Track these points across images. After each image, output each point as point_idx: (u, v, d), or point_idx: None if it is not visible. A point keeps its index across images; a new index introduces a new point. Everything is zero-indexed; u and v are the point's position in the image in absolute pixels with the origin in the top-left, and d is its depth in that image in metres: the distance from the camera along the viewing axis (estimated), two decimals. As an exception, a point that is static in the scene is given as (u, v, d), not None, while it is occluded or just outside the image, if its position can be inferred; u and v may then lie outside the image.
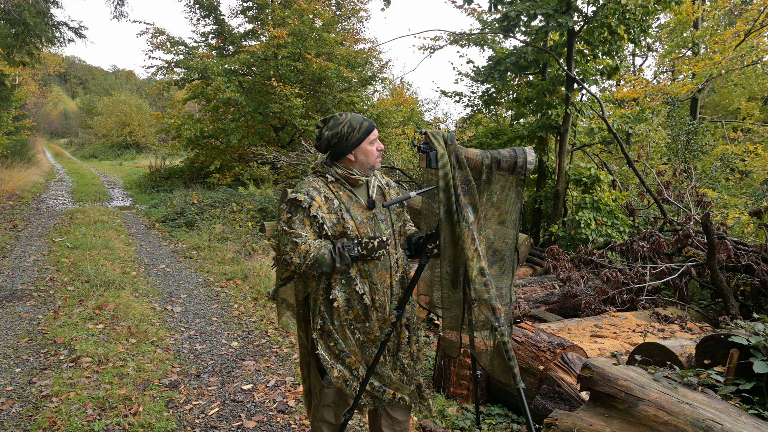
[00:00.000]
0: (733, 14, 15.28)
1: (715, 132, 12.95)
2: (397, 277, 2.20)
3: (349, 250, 1.98)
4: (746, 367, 2.34)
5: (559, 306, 4.87)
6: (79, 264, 6.31)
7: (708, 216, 4.39)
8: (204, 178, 13.87)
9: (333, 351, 2.13)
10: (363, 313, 2.12)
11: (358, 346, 2.17)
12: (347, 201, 2.11)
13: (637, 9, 6.16)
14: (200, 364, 3.88)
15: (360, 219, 2.10)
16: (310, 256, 1.97)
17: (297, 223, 2.02)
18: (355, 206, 2.12)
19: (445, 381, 3.36)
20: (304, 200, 2.02)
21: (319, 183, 2.11)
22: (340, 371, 2.13)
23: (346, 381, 2.14)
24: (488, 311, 2.01)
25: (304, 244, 1.98)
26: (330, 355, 2.13)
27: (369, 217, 2.13)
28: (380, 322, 2.16)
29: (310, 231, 2.03)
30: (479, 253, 2.04)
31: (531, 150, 2.10)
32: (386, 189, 2.27)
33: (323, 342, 2.12)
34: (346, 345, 2.13)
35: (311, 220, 2.03)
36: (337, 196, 2.09)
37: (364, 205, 2.14)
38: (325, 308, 2.11)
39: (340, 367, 2.13)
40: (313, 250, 1.98)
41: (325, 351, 2.12)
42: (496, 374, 2.13)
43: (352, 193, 2.14)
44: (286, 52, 11.83)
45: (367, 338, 2.17)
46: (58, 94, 47.37)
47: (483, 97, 8.99)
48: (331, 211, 2.06)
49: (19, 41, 9.80)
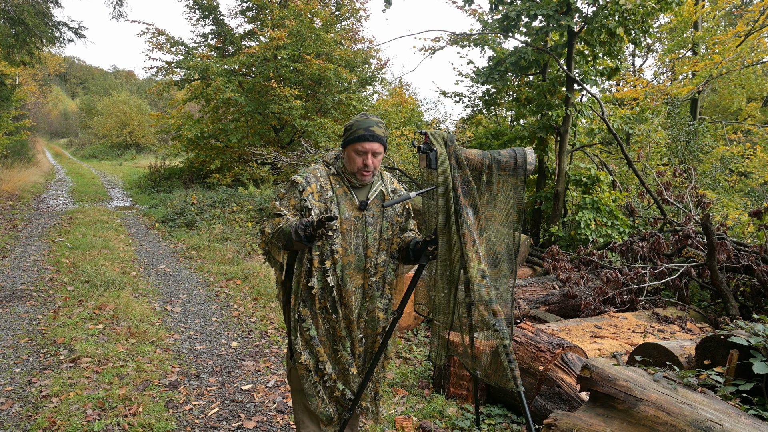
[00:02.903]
0: (733, 15, 15.28)
1: (715, 133, 12.95)
2: (372, 281, 2.20)
3: (304, 227, 1.98)
4: (746, 368, 2.34)
5: (559, 306, 4.87)
6: (79, 264, 6.31)
7: (708, 217, 4.39)
8: (204, 179, 13.88)
9: (305, 336, 2.17)
10: (331, 305, 2.15)
11: (327, 339, 2.21)
12: (341, 196, 2.15)
13: (637, 10, 6.16)
14: (200, 364, 3.88)
15: (347, 215, 2.13)
16: (278, 227, 2.04)
17: (284, 200, 2.13)
18: (347, 203, 2.15)
19: (445, 381, 3.36)
20: (301, 183, 2.12)
21: (321, 171, 2.17)
22: (305, 360, 2.17)
23: (309, 371, 2.19)
24: (489, 313, 2.01)
25: (279, 217, 2.08)
26: (302, 339, 2.18)
27: (357, 217, 2.16)
28: (346, 321, 2.18)
29: (291, 210, 2.11)
30: (479, 255, 2.04)
31: (531, 150, 2.10)
32: (390, 196, 2.27)
33: (296, 326, 2.17)
34: (318, 334, 2.18)
35: (298, 202, 2.10)
36: (333, 189, 2.14)
37: (356, 204, 2.16)
38: (304, 293, 2.15)
39: (308, 355, 2.18)
40: (283, 222, 2.05)
41: (299, 334, 2.17)
42: (491, 380, 2.13)
43: (348, 189, 2.17)
44: (285, 53, 11.84)
45: (334, 332, 2.20)
46: (58, 94, 47.35)
47: (483, 98, 9.00)
48: (321, 200, 2.11)
49: (19, 41, 9.80)
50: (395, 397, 3.35)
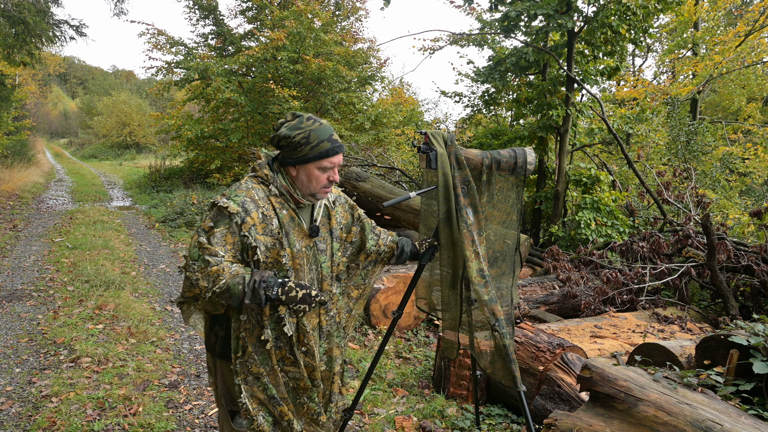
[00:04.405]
0: (733, 15, 15.28)
1: (715, 133, 12.95)
2: (328, 317, 1.88)
3: (266, 288, 1.62)
4: (746, 368, 2.34)
5: (559, 306, 4.87)
6: (79, 264, 6.31)
7: (708, 216, 4.39)
8: (204, 178, 13.89)
9: (259, 398, 1.80)
10: (291, 355, 1.80)
11: (288, 393, 1.85)
12: (288, 223, 1.75)
13: (638, 9, 6.16)
14: (200, 364, 3.88)
15: (298, 248, 1.75)
16: (221, 282, 1.59)
17: (218, 237, 1.63)
18: (295, 230, 1.76)
19: (445, 381, 3.36)
20: (237, 213, 1.64)
21: (259, 193, 1.73)
22: (260, 425, 1.79)
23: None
24: (488, 313, 2.01)
25: (217, 266, 1.60)
26: (255, 402, 1.79)
27: (308, 246, 1.80)
28: (309, 369, 1.85)
29: (230, 251, 1.65)
30: (479, 255, 2.04)
31: (531, 150, 2.10)
32: (333, 209, 1.93)
33: (248, 387, 1.77)
34: (278, 391, 1.81)
35: (238, 239, 1.66)
36: (279, 215, 1.73)
37: (305, 230, 1.79)
38: (254, 348, 1.74)
39: (262, 419, 1.80)
40: (227, 275, 1.60)
41: (250, 398, 1.78)
42: (497, 377, 2.13)
43: (295, 213, 1.78)
44: (284, 55, 11.85)
45: (297, 384, 1.86)
46: (58, 94, 47.39)
47: (483, 98, 9.00)
48: (267, 233, 1.70)
49: (20, 41, 9.80)
50: (395, 397, 3.35)
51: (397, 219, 6.57)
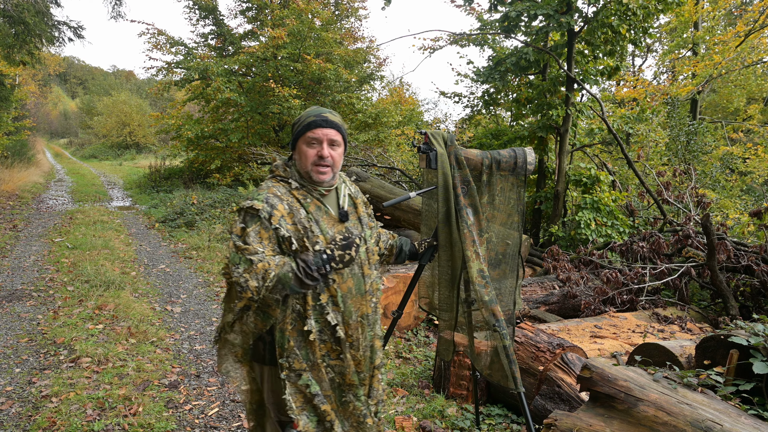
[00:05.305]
0: (733, 15, 15.28)
1: (715, 133, 12.96)
2: (372, 304, 1.84)
3: (317, 265, 1.64)
4: (746, 368, 2.34)
5: (559, 306, 4.87)
6: (79, 264, 6.31)
7: (708, 216, 4.39)
8: (204, 179, 13.89)
9: (304, 394, 1.74)
10: (336, 348, 1.76)
11: (333, 390, 1.79)
12: (315, 211, 1.76)
13: (639, 10, 6.16)
14: (200, 364, 3.88)
15: (330, 234, 1.75)
16: (270, 275, 1.58)
17: (252, 236, 1.64)
18: (324, 218, 1.77)
19: (445, 381, 3.36)
20: (263, 209, 1.66)
21: (280, 189, 1.75)
22: (305, 424, 1.73)
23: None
24: (488, 313, 2.01)
25: (262, 262, 1.60)
26: (299, 400, 1.74)
27: (341, 232, 1.79)
28: (355, 362, 1.80)
29: (268, 246, 1.65)
30: (479, 255, 2.04)
31: (531, 150, 2.11)
32: (357, 199, 1.93)
33: (292, 384, 1.72)
34: (321, 388, 1.75)
35: (272, 232, 1.67)
36: (304, 205, 1.75)
37: (334, 216, 1.80)
38: (296, 343, 1.71)
39: (306, 418, 1.74)
40: (274, 268, 1.60)
41: (294, 395, 1.72)
42: (495, 378, 2.13)
43: (320, 202, 1.79)
44: (285, 53, 11.85)
45: (342, 380, 1.79)
46: (57, 94, 47.39)
47: (483, 98, 9.00)
48: (296, 223, 1.71)
49: (19, 41, 9.79)
50: (395, 397, 3.35)
51: (397, 219, 6.57)
